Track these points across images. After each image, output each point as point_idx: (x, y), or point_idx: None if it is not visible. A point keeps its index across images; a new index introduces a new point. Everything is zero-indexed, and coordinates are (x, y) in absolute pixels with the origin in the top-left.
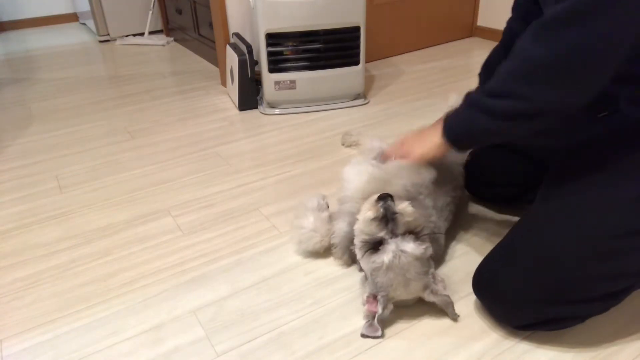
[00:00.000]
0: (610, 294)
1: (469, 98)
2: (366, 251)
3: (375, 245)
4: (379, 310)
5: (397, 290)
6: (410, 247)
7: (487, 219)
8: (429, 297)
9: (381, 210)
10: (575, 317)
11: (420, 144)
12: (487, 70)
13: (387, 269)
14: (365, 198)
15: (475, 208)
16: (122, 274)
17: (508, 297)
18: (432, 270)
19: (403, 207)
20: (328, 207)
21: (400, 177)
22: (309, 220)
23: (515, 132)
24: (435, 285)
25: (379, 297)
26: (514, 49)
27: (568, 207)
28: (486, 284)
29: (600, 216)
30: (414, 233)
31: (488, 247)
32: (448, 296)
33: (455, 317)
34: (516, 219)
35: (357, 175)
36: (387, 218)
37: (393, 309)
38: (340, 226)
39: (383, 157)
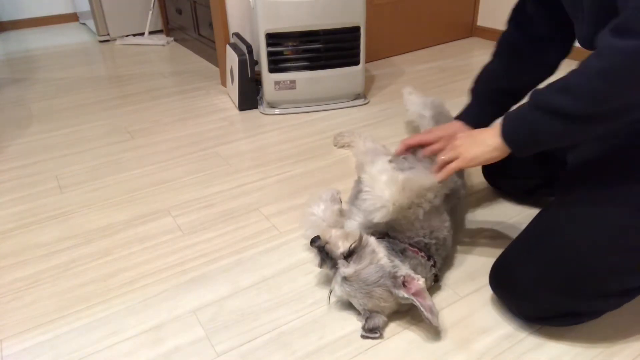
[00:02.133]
0: (627, 289)
1: (535, 96)
2: (330, 292)
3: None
4: (362, 323)
5: (368, 304)
6: (345, 270)
7: (488, 218)
8: (402, 301)
9: (317, 253)
10: (592, 313)
11: (474, 146)
12: (482, 84)
13: (347, 296)
14: (396, 208)
15: (478, 207)
16: (122, 274)
17: (526, 289)
18: (395, 271)
19: (327, 238)
20: (341, 202)
21: (430, 189)
22: (320, 208)
23: (586, 135)
24: (395, 289)
25: (362, 314)
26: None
27: (589, 201)
28: (504, 277)
29: (621, 211)
30: (351, 250)
31: (489, 247)
32: (413, 299)
33: (427, 320)
34: (517, 217)
35: (392, 184)
36: (323, 257)
37: (393, 313)
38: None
39: (426, 153)
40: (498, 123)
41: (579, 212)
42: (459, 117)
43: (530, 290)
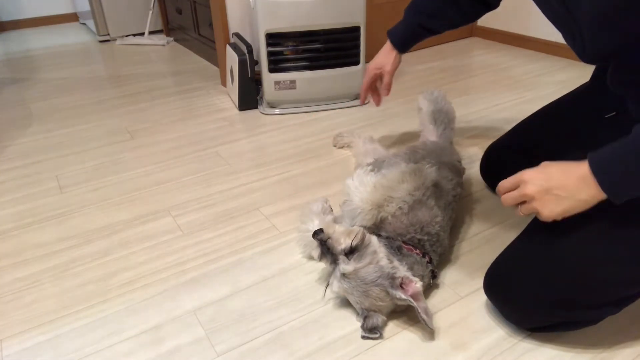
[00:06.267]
0: (626, 297)
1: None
2: (327, 286)
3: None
4: (361, 322)
5: (364, 303)
6: (345, 267)
7: (488, 218)
8: (398, 302)
9: (318, 245)
10: (588, 321)
11: (558, 202)
12: (414, 14)
13: (344, 293)
14: (374, 207)
15: (478, 207)
16: (122, 274)
17: (523, 299)
18: (394, 273)
19: (330, 233)
20: (332, 210)
21: (404, 181)
22: (314, 224)
23: None
24: (392, 290)
25: (359, 312)
26: None
27: (583, 212)
28: (500, 286)
29: (615, 222)
30: (353, 248)
31: (488, 247)
32: (410, 300)
33: (423, 322)
34: (516, 217)
35: (362, 186)
36: (324, 250)
37: (390, 313)
38: None
39: (504, 203)
40: (583, 172)
41: (573, 224)
42: (390, 33)
43: (525, 305)
